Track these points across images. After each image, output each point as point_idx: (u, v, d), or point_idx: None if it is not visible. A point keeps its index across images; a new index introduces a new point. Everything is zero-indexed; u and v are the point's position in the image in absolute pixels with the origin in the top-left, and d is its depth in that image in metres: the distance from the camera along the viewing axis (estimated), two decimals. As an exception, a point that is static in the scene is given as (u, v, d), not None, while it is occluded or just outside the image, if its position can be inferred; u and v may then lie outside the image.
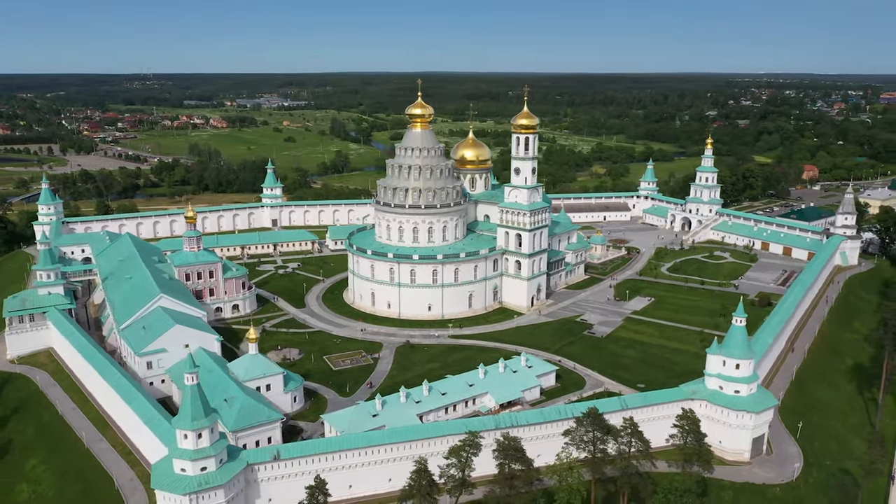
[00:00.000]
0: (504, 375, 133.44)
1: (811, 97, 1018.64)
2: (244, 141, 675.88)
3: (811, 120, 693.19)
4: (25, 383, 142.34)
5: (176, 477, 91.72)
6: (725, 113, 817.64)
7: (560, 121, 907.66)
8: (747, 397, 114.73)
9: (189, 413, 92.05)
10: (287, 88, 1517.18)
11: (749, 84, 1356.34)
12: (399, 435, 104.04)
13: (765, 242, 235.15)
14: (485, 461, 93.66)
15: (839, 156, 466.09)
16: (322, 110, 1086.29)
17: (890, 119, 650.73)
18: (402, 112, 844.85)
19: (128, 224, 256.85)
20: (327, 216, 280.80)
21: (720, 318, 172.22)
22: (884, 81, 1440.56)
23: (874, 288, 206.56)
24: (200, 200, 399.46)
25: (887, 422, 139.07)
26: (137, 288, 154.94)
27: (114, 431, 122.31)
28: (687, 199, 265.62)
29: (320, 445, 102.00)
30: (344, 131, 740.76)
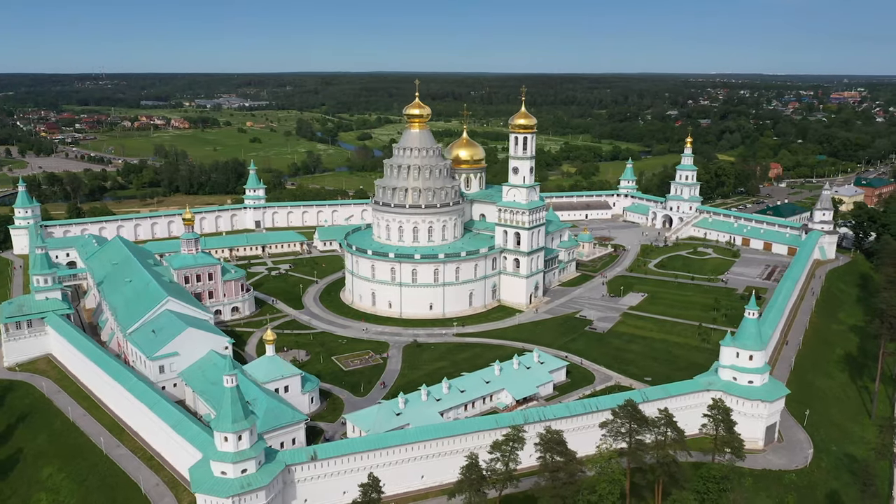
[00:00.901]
0: (518, 372, 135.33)
1: (766, 97, 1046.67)
2: (208, 142, 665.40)
3: (770, 119, 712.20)
4: (29, 390, 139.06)
5: (217, 480, 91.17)
6: (686, 112, 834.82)
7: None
8: (761, 387, 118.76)
9: (229, 415, 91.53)
10: (246, 88, 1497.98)
11: (704, 84, 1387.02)
12: (434, 432, 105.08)
13: (745, 238, 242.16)
14: (523, 454, 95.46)
15: (800, 154, 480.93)
16: (284, 111, 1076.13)
17: (844, 118, 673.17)
18: (365, 112, 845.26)
19: (108, 227, 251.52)
20: (311, 217, 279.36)
21: (713, 313, 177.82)
22: (830, 82, 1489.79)
23: (852, 281, 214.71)
24: (172, 202, 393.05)
25: (882, 409, 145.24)
26: (140, 291, 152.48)
27: (131, 437, 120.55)
28: (667, 196, 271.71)
29: (357, 445, 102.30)
30: (311, 132, 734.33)
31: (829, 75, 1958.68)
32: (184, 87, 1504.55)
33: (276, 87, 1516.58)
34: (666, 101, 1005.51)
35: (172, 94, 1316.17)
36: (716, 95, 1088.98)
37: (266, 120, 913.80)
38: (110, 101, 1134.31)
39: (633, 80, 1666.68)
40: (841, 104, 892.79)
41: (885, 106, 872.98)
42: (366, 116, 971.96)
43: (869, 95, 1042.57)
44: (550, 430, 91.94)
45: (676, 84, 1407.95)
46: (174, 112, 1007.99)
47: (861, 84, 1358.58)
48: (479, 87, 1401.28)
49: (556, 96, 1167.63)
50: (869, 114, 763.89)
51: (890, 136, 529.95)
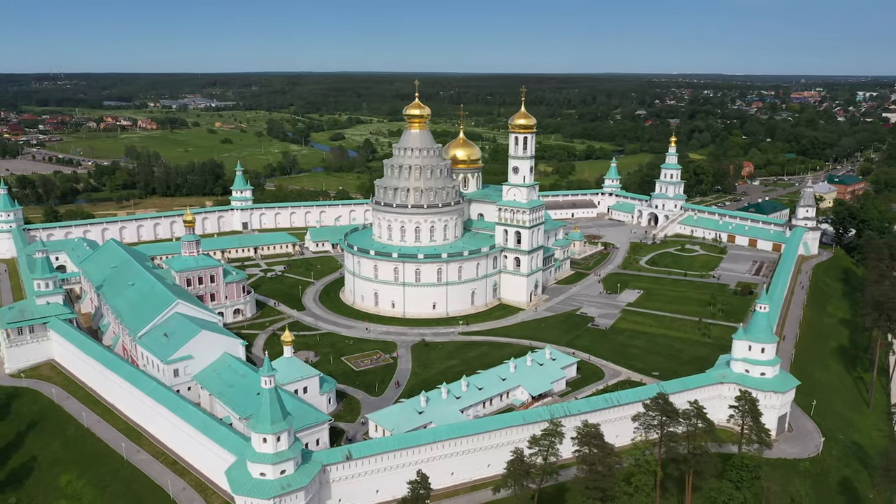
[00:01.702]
0: (532, 369, 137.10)
1: (729, 97, 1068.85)
2: (179, 143, 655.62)
3: (737, 118, 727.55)
4: (36, 397, 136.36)
5: (257, 481, 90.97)
6: (655, 112, 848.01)
7: (495, 120, 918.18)
8: (772, 379, 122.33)
9: (268, 416, 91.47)
10: (211, 89, 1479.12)
11: (668, 84, 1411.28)
12: (465, 429, 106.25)
13: (731, 235, 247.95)
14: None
15: (769, 152, 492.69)
16: (252, 111, 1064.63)
17: (808, 117, 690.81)
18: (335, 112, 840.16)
19: (93, 230, 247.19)
20: (299, 218, 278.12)
21: (709, 308, 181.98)
22: (789, 82, 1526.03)
23: (836, 275, 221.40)
24: (149, 204, 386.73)
25: (878, 398, 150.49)
26: (146, 295, 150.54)
27: (150, 441, 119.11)
28: (653, 195, 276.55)
29: (390, 443, 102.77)
30: (283, 132, 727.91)
31: (787, 76, 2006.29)
32: (146, 87, 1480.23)
33: (242, 88, 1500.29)
34: (633, 101, 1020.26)
35: (135, 95, 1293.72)
36: (681, 95, 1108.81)
37: (235, 120, 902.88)
38: (72, 102, 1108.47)
39: (598, 80, 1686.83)
40: (803, 104, 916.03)
41: (844, 105, 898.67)
42: (336, 117, 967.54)
43: (828, 95, 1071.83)
44: (587, 424, 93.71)
45: (642, 84, 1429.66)
46: (139, 113, 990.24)
47: (818, 84, 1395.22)
48: (447, 88, 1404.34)
49: (526, 97, 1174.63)
50: (831, 113, 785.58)
51: (854, 135, 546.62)
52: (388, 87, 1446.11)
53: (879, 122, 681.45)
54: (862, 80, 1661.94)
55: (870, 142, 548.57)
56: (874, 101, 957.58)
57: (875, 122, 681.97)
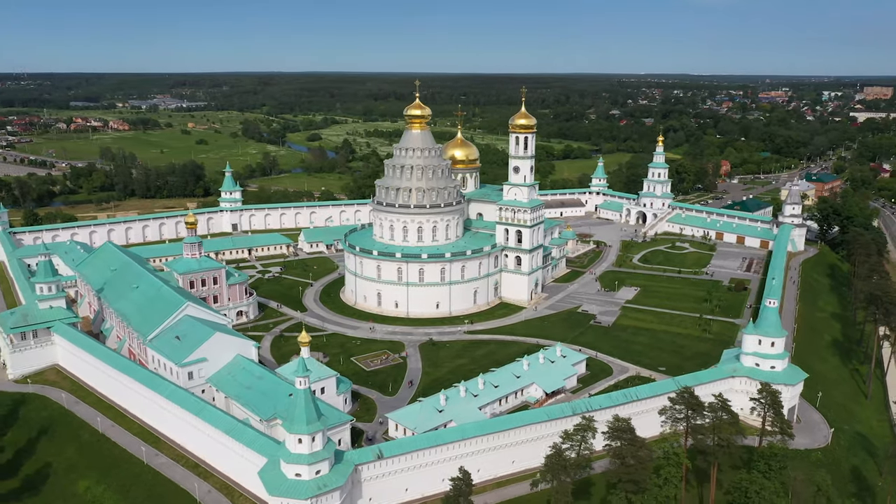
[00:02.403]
0: (545, 366, 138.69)
1: (699, 96, 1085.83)
2: (153, 144, 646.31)
3: (710, 118, 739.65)
4: (44, 402, 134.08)
5: (293, 482, 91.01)
6: (629, 112, 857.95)
7: (471, 120, 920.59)
8: (782, 372, 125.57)
9: (304, 417, 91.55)
10: (180, 89, 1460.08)
11: (639, 84, 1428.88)
12: (492, 426, 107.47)
13: (719, 232, 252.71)
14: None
15: (744, 151, 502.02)
16: (224, 111, 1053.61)
17: (780, 117, 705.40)
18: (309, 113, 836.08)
19: (80, 232, 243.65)
20: (289, 219, 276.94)
21: (706, 304, 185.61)
22: (755, 82, 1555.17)
23: (823, 271, 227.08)
24: (129, 207, 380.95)
25: (876, 389, 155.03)
26: (152, 298, 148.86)
27: (168, 445, 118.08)
28: (640, 193, 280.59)
29: (419, 442, 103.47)
30: (259, 133, 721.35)
31: (752, 76, 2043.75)
32: (113, 87, 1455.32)
33: (213, 88, 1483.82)
34: (607, 101, 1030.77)
35: (102, 95, 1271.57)
36: (653, 95, 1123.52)
37: (208, 121, 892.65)
38: (37, 103, 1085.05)
39: (569, 80, 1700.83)
40: (772, 103, 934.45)
41: (811, 105, 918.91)
42: (310, 117, 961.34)
43: (795, 95, 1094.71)
44: (618, 418, 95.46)
45: (613, 84, 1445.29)
46: (108, 113, 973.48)
47: (784, 84, 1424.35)
48: (420, 88, 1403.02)
49: (499, 96, 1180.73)
50: (800, 113, 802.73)
51: (826, 134, 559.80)
52: (361, 87, 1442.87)
53: (847, 121, 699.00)
54: (825, 81, 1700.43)
55: (840, 140, 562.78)
56: (840, 101, 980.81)
57: (843, 121, 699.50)
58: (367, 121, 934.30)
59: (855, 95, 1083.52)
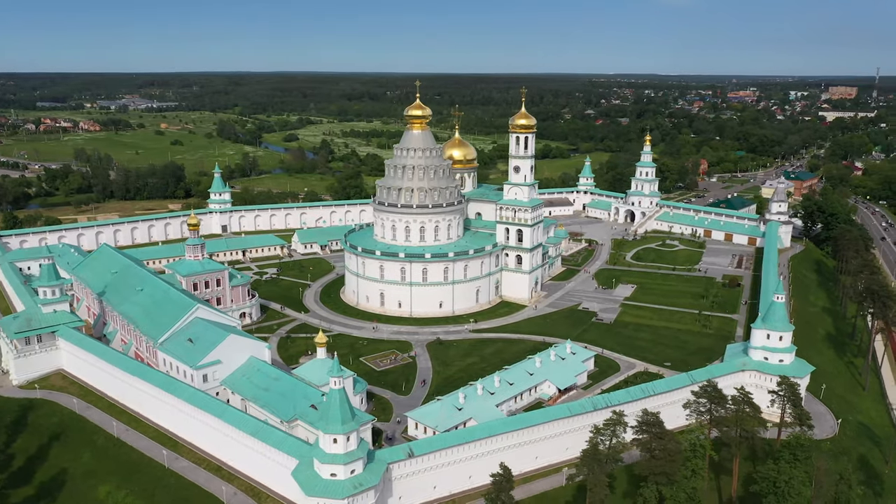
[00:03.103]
0: (556, 363, 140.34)
1: (669, 96, 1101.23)
2: (127, 145, 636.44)
3: (683, 118, 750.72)
4: (53, 408, 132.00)
5: (328, 482, 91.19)
6: (605, 112, 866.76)
7: (447, 120, 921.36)
8: (790, 365, 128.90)
9: (339, 417, 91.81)
10: (150, 89, 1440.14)
11: (609, 84, 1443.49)
12: (519, 422, 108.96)
13: (707, 230, 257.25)
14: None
15: (720, 150, 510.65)
16: (196, 111, 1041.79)
17: (752, 116, 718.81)
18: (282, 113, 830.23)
19: (68, 235, 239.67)
20: (279, 220, 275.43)
21: (702, 300, 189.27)
22: (722, 82, 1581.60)
23: (810, 266, 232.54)
24: (109, 209, 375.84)
25: (872, 381, 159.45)
26: (160, 300, 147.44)
27: (187, 448, 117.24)
28: (628, 192, 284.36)
29: (448, 439, 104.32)
30: (234, 134, 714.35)
31: (719, 75, 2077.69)
32: (80, 87, 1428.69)
33: (183, 88, 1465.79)
34: (580, 101, 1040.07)
35: (69, 95, 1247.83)
36: (625, 95, 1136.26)
37: (180, 121, 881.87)
38: (2, 103, 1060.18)
39: (540, 80, 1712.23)
40: (742, 103, 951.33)
41: (780, 104, 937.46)
42: (285, 117, 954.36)
43: (763, 95, 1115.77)
44: (647, 412, 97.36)
45: (584, 84, 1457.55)
46: (77, 114, 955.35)
47: (750, 84, 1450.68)
48: (393, 88, 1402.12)
49: (473, 96, 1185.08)
50: (770, 112, 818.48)
51: (799, 133, 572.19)
52: (334, 87, 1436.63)
53: (817, 120, 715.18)
54: (789, 80, 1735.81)
55: (812, 139, 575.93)
56: (807, 101, 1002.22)
57: (813, 120, 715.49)
58: (343, 121, 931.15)
59: (821, 95, 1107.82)
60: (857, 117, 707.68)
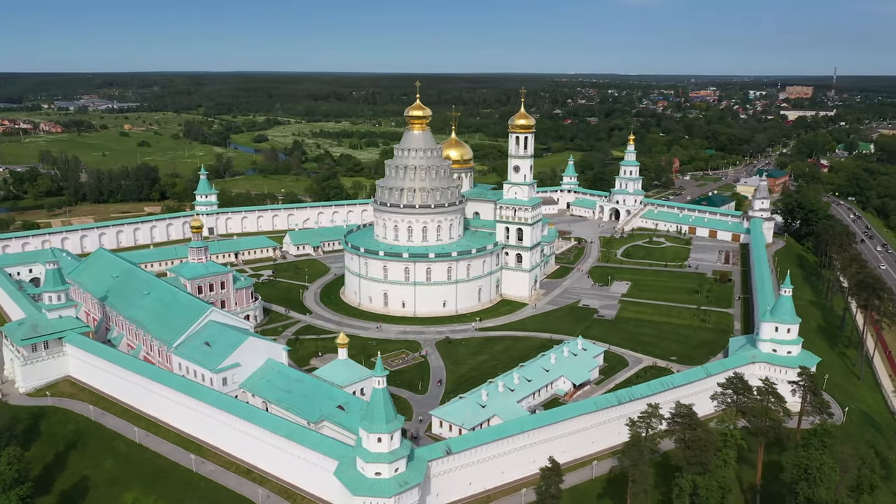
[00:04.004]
0: (569, 359, 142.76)
1: (634, 96, 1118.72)
2: (91, 147, 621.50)
3: (651, 117, 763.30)
4: (66, 415, 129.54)
5: (374, 481, 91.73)
6: (573, 111, 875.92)
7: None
8: (798, 356, 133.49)
9: (383, 416, 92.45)
10: (108, 89, 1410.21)
11: (573, 84, 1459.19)
12: (550, 417, 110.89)
13: (692, 227, 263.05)
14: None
15: (690, 149, 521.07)
16: (159, 112, 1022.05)
17: (718, 115, 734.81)
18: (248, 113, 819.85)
19: (52, 239, 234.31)
20: (266, 222, 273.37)
21: (697, 296, 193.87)
22: (682, 82, 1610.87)
23: (793, 261, 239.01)
24: (82, 212, 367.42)
25: (866, 371, 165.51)
26: (169, 304, 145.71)
27: (212, 452, 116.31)
28: (612, 190, 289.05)
29: (482, 436, 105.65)
30: (202, 135, 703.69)
31: (679, 75, 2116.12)
32: (34, 87, 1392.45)
33: (143, 88, 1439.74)
34: (547, 101, 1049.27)
35: (24, 96, 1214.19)
36: (589, 95, 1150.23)
37: (144, 122, 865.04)
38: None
39: (503, 79, 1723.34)
40: (706, 103, 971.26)
41: (741, 104, 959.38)
42: (251, 118, 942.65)
43: (724, 94, 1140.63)
44: (680, 405, 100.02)
45: (548, 84, 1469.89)
46: (35, 115, 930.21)
47: (708, 84, 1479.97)
48: (358, 88, 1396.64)
49: (440, 96, 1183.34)
50: (733, 111, 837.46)
51: (765, 132, 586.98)
52: (298, 87, 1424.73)
53: (780, 119, 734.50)
54: (746, 80, 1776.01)
55: (778, 138, 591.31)
56: (766, 100, 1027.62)
57: (776, 119, 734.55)
58: (311, 121, 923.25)
59: (778, 94, 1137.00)
60: (818, 116, 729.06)
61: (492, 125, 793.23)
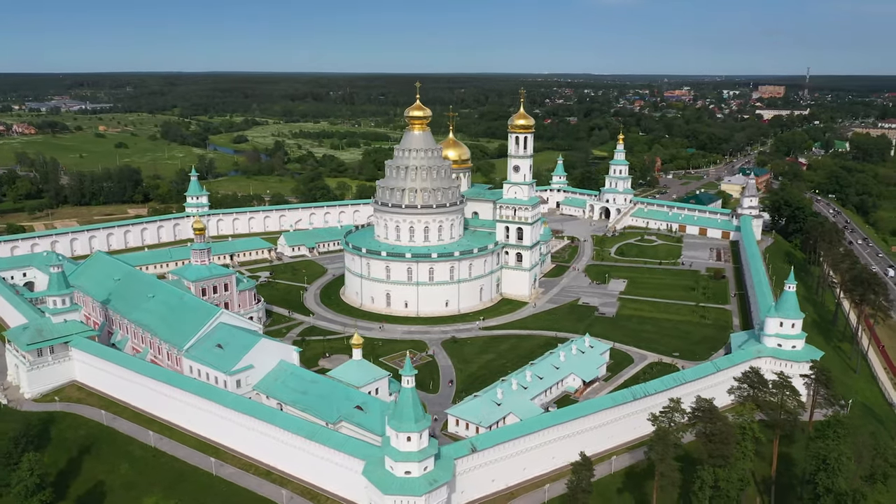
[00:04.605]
0: (577, 357, 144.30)
1: (610, 95, 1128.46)
2: (68, 149, 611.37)
3: (630, 116, 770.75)
4: (77, 420, 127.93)
5: (404, 480, 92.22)
6: (551, 111, 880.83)
7: (394, 120, 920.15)
8: (802, 350, 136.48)
9: (412, 415, 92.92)
10: (80, 90, 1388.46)
11: (549, 84, 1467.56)
12: (574, 412, 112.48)
13: (682, 225, 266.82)
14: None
15: (671, 148, 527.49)
16: (134, 113, 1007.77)
17: (696, 115, 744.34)
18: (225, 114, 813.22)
19: (41, 242, 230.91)
20: (257, 223, 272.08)
21: (693, 292, 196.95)
22: (654, 81, 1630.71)
23: (782, 258, 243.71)
24: (65, 215, 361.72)
25: (861, 364, 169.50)
26: (176, 307, 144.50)
27: (230, 455, 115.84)
28: (602, 189, 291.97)
29: (505, 434, 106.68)
30: (180, 136, 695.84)
31: (652, 75, 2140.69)
32: (2, 88, 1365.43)
33: (115, 88, 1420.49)
34: (525, 101, 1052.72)
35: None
36: (567, 95, 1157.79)
37: (119, 123, 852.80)
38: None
39: (481, 79, 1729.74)
40: (681, 102, 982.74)
41: (716, 103, 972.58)
42: (228, 118, 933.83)
43: (698, 94, 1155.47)
44: (701, 399, 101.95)
45: (525, 84, 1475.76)
46: (5, 116, 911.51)
47: (682, 83, 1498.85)
48: (335, 88, 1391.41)
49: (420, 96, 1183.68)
50: (709, 110, 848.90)
51: (744, 130, 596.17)
52: (274, 87, 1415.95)
53: (756, 118, 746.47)
54: (717, 80, 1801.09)
55: (756, 136, 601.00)
56: (740, 99, 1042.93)
57: (752, 118, 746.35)
58: (289, 122, 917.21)
59: (751, 93, 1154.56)
60: (793, 115, 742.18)
61: (471, 125, 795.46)
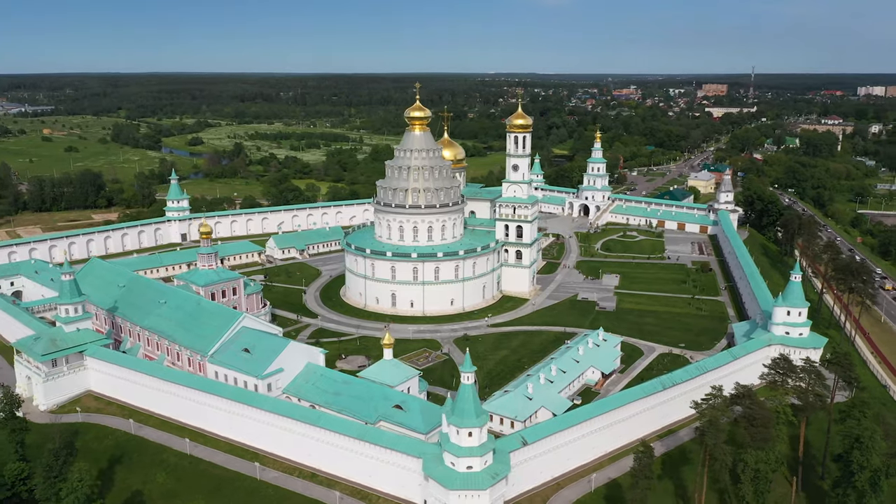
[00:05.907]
0: (594, 350, 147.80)
1: (560, 94, 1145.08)
2: (14, 153, 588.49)
3: (584, 114, 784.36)
4: (103, 431, 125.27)
5: (468, 475, 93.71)
6: (508, 110, 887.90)
7: (349, 121, 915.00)
8: (808, 338, 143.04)
9: (472, 410, 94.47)
10: (16, 92, 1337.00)
11: (500, 84, 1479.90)
12: (616, 401, 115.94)
13: (660, 221, 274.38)
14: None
15: (631, 145, 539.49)
16: (78, 116, 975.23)
17: (651, 113, 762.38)
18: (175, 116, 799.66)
19: (19, 250, 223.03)
20: (240, 226, 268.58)
21: (684, 285, 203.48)
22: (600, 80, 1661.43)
23: (759, 250, 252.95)
24: (26, 221, 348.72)
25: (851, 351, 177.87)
26: (193, 312, 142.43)
27: (270, 459, 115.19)
28: (581, 187, 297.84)
29: (552, 426, 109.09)
30: (133, 139, 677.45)
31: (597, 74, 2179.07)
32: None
33: (54, 90, 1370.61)
34: (479, 100, 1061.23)
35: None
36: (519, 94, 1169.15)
37: (64, 126, 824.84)
38: None
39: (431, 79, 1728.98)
40: (631, 100, 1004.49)
41: (664, 101, 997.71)
42: (178, 120, 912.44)
43: (645, 92, 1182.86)
44: (740, 385, 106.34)
45: (476, 84, 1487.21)
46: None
47: (627, 82, 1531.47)
48: (286, 89, 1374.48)
49: (371, 97, 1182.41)
50: (660, 109, 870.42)
51: (699, 128, 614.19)
52: (223, 88, 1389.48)
53: (706, 116, 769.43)
54: (660, 78, 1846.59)
55: (710, 133, 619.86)
56: (686, 98, 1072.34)
57: (703, 116, 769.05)
58: (242, 123, 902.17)
59: (696, 92, 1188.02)
60: (742, 112, 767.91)
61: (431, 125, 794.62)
